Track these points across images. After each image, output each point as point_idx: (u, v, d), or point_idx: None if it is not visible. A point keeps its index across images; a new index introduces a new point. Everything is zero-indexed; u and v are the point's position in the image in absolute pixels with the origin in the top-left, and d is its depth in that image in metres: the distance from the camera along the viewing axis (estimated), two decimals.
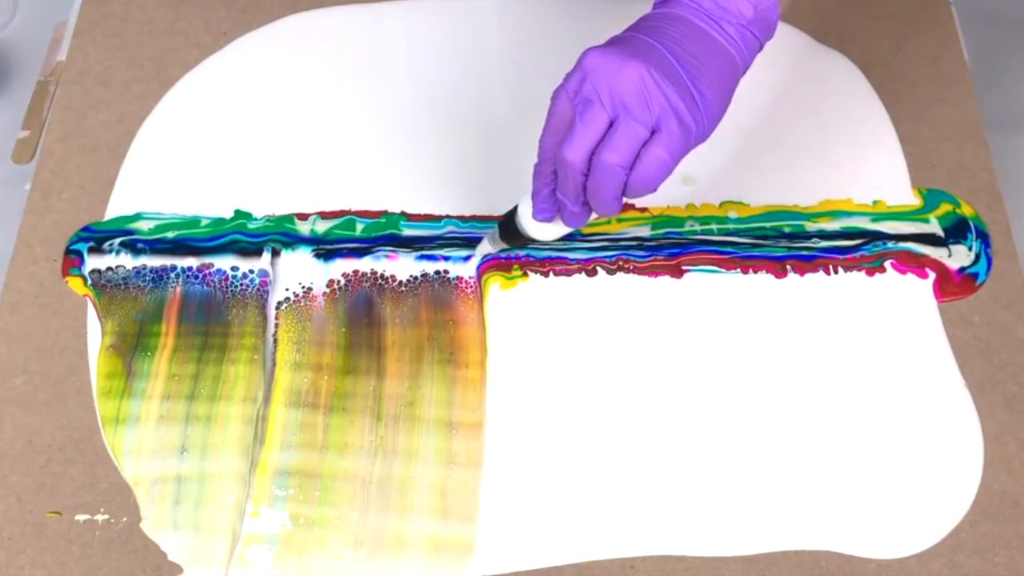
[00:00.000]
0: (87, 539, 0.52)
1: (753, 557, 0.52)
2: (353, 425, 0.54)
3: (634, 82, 0.43)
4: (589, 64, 0.44)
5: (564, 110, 0.45)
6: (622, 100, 0.43)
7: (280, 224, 0.60)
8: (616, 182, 0.44)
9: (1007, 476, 0.54)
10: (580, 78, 0.44)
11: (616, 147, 0.43)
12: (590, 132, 0.44)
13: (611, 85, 0.43)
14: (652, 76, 0.43)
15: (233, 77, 0.66)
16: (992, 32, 0.71)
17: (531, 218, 0.50)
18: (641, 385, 0.56)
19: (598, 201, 0.45)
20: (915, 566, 0.52)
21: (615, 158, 0.43)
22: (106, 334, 0.56)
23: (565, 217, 0.48)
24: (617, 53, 0.43)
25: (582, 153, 0.44)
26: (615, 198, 0.45)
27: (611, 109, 0.43)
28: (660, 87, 0.43)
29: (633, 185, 0.44)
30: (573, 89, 0.44)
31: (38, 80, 0.67)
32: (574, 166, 0.44)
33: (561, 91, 0.45)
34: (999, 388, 0.56)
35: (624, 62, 0.43)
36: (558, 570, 0.51)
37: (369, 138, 0.64)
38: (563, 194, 0.47)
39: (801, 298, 0.58)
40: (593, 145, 0.44)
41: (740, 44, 0.45)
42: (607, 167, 0.44)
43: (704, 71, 0.44)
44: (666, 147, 0.43)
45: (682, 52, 0.44)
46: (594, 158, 0.44)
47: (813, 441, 0.54)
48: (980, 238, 0.60)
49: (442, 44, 0.67)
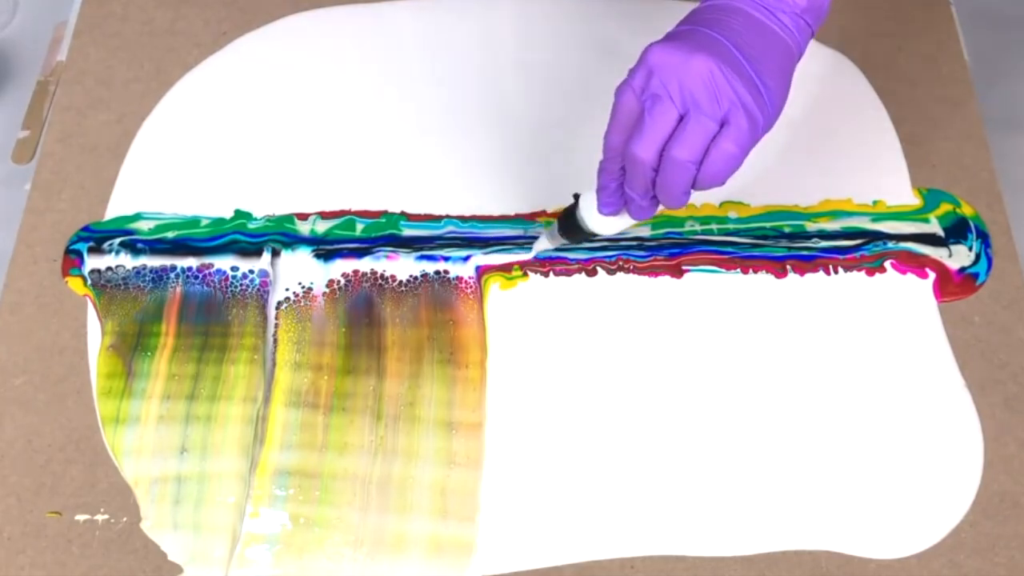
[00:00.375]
0: (87, 539, 0.52)
1: (753, 557, 0.52)
2: (353, 425, 0.54)
3: (703, 76, 0.43)
4: (655, 59, 0.44)
5: (630, 106, 0.45)
6: (692, 95, 0.43)
7: (280, 224, 0.60)
8: (687, 177, 0.44)
9: (1007, 476, 0.54)
10: (646, 74, 0.44)
11: (687, 143, 0.43)
12: (660, 128, 0.44)
13: (680, 80, 0.43)
14: (720, 69, 0.43)
15: (233, 77, 0.66)
16: (992, 32, 0.71)
17: (595, 213, 0.50)
18: (641, 385, 0.56)
19: (667, 196, 0.45)
20: (915, 566, 0.52)
21: (686, 154, 0.43)
22: (106, 334, 0.56)
23: (632, 211, 0.48)
24: (682, 47, 0.43)
25: (653, 149, 0.44)
26: (685, 192, 0.45)
27: (681, 104, 0.43)
28: (728, 80, 0.43)
29: (702, 179, 0.44)
30: (639, 85, 0.44)
31: (38, 80, 0.67)
32: (645, 163, 0.44)
33: (626, 87, 0.45)
34: (999, 388, 0.56)
35: (691, 56, 0.43)
36: (558, 570, 0.51)
37: (369, 138, 0.64)
38: (631, 189, 0.47)
39: (801, 298, 0.58)
40: (663, 141, 0.44)
41: (795, 32, 0.45)
42: (678, 163, 0.44)
43: (765, 62, 0.44)
44: (735, 141, 0.43)
45: (744, 44, 0.44)
46: (664, 154, 0.44)
47: (813, 441, 0.54)
48: (980, 238, 0.60)
49: (442, 44, 0.67)
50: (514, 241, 0.59)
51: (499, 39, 0.67)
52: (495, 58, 0.67)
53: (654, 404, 0.55)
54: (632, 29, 0.67)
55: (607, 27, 0.68)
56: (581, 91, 0.65)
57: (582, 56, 0.67)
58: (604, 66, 0.66)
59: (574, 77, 0.66)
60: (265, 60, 0.66)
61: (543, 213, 0.61)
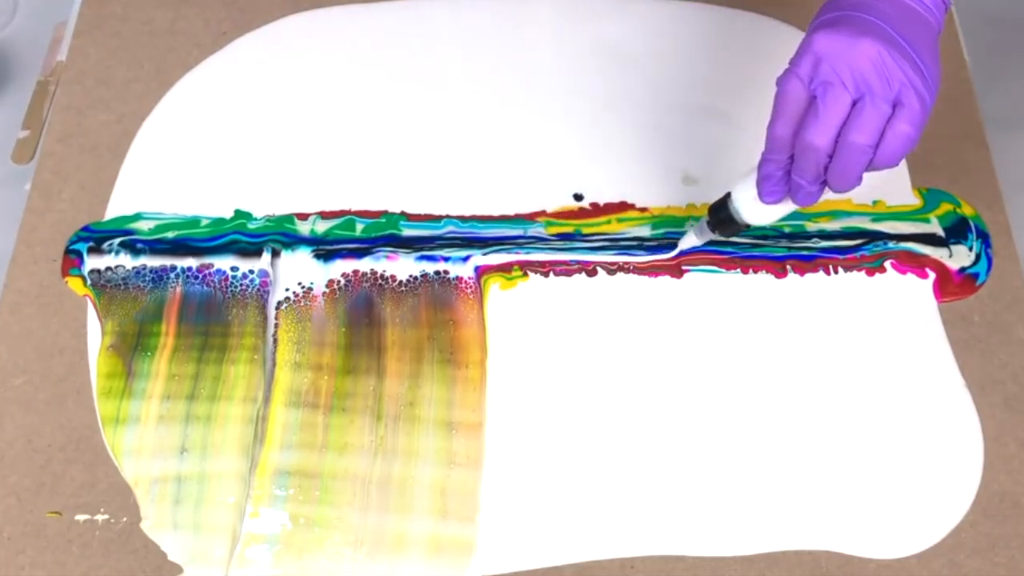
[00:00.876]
0: (87, 539, 0.52)
1: (753, 557, 0.52)
2: (353, 425, 0.54)
3: (873, 60, 0.43)
4: (820, 47, 0.44)
5: (797, 95, 0.45)
6: (864, 79, 0.43)
7: (280, 224, 0.60)
8: (864, 160, 0.44)
9: (1007, 476, 0.54)
10: (813, 61, 0.44)
11: (865, 127, 0.44)
12: (835, 114, 0.44)
13: (850, 65, 0.43)
14: (888, 52, 0.43)
15: (233, 77, 0.66)
16: (992, 32, 0.71)
17: (750, 204, 0.50)
18: (641, 385, 0.56)
19: (843, 180, 0.46)
20: (915, 566, 0.52)
21: (864, 138, 0.44)
22: (106, 334, 0.56)
23: (799, 198, 0.48)
24: (847, 33, 0.44)
25: (830, 136, 0.44)
26: (859, 176, 0.45)
27: (855, 89, 0.44)
28: (896, 62, 0.43)
29: (879, 161, 0.45)
30: (806, 73, 0.44)
31: (38, 80, 0.67)
32: (821, 149, 0.45)
33: (791, 76, 0.45)
34: (999, 388, 0.56)
35: (857, 41, 0.43)
36: (558, 570, 0.51)
37: (369, 138, 0.64)
38: (801, 176, 0.47)
39: (801, 298, 0.58)
40: (839, 127, 0.44)
41: (934, 9, 0.46)
42: (856, 147, 0.44)
43: (920, 42, 0.45)
44: (909, 121, 0.44)
45: (896, 24, 0.44)
46: (840, 139, 0.44)
47: (813, 441, 0.54)
48: (980, 238, 0.60)
49: (442, 44, 0.67)
50: (514, 241, 0.59)
51: (499, 39, 0.67)
52: (495, 58, 0.67)
53: (654, 404, 0.55)
54: (632, 29, 0.68)
55: (607, 27, 0.68)
56: (581, 91, 0.65)
57: (582, 56, 0.67)
58: (604, 66, 0.66)
59: (575, 77, 0.66)
60: (265, 60, 0.66)
61: (543, 213, 0.61)
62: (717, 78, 0.66)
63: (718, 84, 0.66)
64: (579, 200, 0.61)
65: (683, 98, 0.65)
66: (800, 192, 0.48)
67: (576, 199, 0.61)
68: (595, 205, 0.61)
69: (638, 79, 0.66)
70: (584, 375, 0.56)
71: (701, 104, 0.65)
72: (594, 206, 0.61)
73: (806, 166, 0.46)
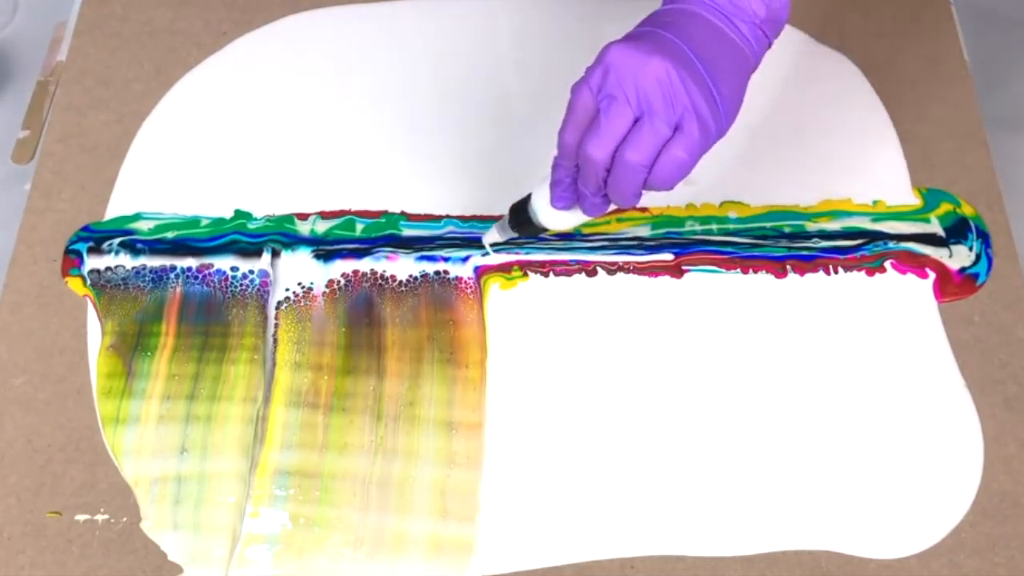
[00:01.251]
0: (87, 539, 0.52)
1: (753, 557, 0.52)
2: (353, 425, 0.54)
3: (659, 79, 0.43)
4: (612, 59, 0.44)
5: (586, 104, 0.45)
6: (647, 98, 0.43)
7: (280, 224, 0.60)
8: (639, 179, 0.44)
9: (1007, 476, 0.54)
10: (603, 72, 0.44)
11: (640, 146, 0.43)
12: (615, 129, 0.44)
13: (636, 81, 0.43)
14: (677, 73, 0.43)
15: (233, 77, 0.66)
16: (992, 32, 0.71)
17: (547, 207, 0.50)
18: (641, 385, 0.56)
19: (618, 195, 0.46)
20: (915, 566, 0.52)
21: (638, 157, 0.43)
22: (106, 334, 0.56)
23: (586, 207, 0.48)
24: (640, 48, 0.43)
25: (607, 150, 0.44)
26: (636, 193, 0.45)
27: (636, 107, 0.43)
28: (684, 84, 0.43)
29: (652, 183, 0.45)
30: (596, 84, 0.44)
31: (38, 80, 0.67)
32: (598, 162, 0.44)
33: (583, 85, 0.45)
34: (999, 388, 0.56)
35: (648, 58, 0.43)
36: (558, 570, 0.51)
37: (369, 138, 0.64)
38: (584, 186, 0.47)
39: (801, 298, 0.58)
40: (618, 142, 0.44)
41: (752, 42, 0.45)
42: (630, 165, 0.44)
43: (721, 68, 0.44)
44: (686, 148, 0.43)
45: (700, 48, 0.44)
46: (617, 155, 0.44)
47: (813, 441, 0.54)
48: (981, 238, 0.60)
49: (442, 43, 0.67)
50: (514, 241, 0.59)
51: (499, 39, 0.67)
52: (495, 58, 0.67)
53: (654, 404, 0.55)
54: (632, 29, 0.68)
55: (607, 27, 0.68)
56: None
57: (582, 56, 0.67)
58: None
59: (574, 77, 0.66)
60: (265, 60, 0.66)
61: None
62: None
63: None
64: None
65: None
66: (586, 202, 0.48)
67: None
68: None
69: None
70: (584, 375, 0.56)
71: None
72: None
73: (587, 176, 0.46)
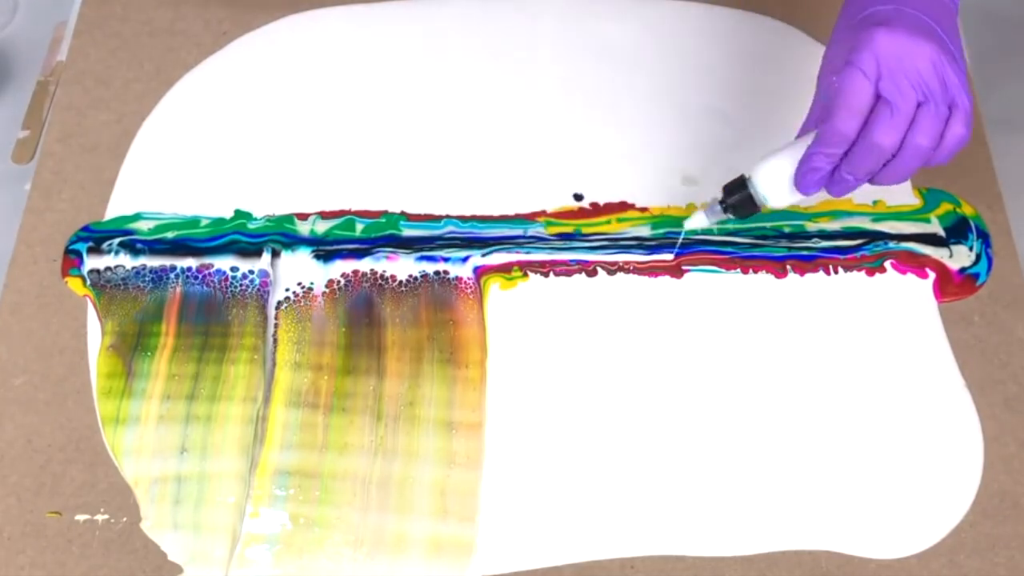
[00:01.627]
0: (87, 539, 0.52)
1: (753, 557, 0.52)
2: (353, 425, 0.54)
3: (933, 62, 0.44)
4: (884, 46, 0.45)
5: (863, 92, 0.45)
6: (926, 83, 0.44)
7: (280, 224, 0.60)
8: (923, 161, 0.46)
9: (1007, 476, 0.54)
10: (875, 59, 0.45)
11: (929, 130, 0.45)
12: (906, 116, 0.45)
13: (915, 66, 0.44)
14: (943, 55, 0.44)
15: (233, 77, 0.66)
16: (992, 32, 0.71)
17: (779, 187, 0.50)
18: (641, 385, 0.56)
19: (897, 178, 0.47)
20: (915, 566, 0.52)
21: (928, 141, 0.45)
22: (106, 334, 0.56)
23: (838, 190, 0.48)
24: (907, 34, 0.44)
25: (899, 137, 0.45)
26: (911, 175, 0.47)
27: (920, 93, 0.44)
28: (949, 65, 0.44)
29: (934, 160, 0.46)
30: (872, 71, 0.45)
31: (38, 80, 0.67)
32: (887, 149, 0.45)
33: (856, 72, 0.45)
34: (999, 388, 0.56)
35: (918, 44, 0.44)
36: (558, 570, 0.51)
37: (369, 138, 0.64)
38: (852, 171, 0.47)
39: (801, 298, 0.58)
40: (907, 128, 0.45)
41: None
42: (920, 149, 0.45)
43: (952, 34, 0.46)
44: (964, 123, 0.45)
45: (942, 23, 0.45)
46: (906, 140, 0.45)
47: (813, 441, 0.54)
48: (981, 238, 0.60)
49: (442, 43, 0.67)
50: (514, 241, 0.59)
51: (499, 39, 0.67)
52: (495, 58, 0.67)
53: (654, 404, 0.55)
54: (632, 29, 0.67)
55: (607, 27, 0.68)
56: (582, 91, 0.65)
57: (582, 56, 0.67)
58: (604, 66, 0.66)
59: (574, 77, 0.66)
60: (265, 60, 0.66)
61: (543, 213, 0.61)
62: (717, 78, 0.66)
63: (718, 84, 0.66)
64: (579, 200, 0.61)
65: (683, 98, 0.65)
66: (841, 184, 0.48)
67: (576, 199, 0.61)
68: (595, 205, 0.61)
69: (638, 79, 0.66)
70: (584, 375, 0.56)
71: (701, 104, 0.65)
72: (594, 206, 0.61)
73: (863, 163, 0.46)
